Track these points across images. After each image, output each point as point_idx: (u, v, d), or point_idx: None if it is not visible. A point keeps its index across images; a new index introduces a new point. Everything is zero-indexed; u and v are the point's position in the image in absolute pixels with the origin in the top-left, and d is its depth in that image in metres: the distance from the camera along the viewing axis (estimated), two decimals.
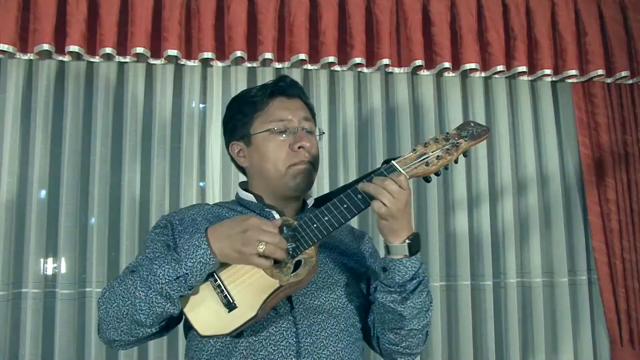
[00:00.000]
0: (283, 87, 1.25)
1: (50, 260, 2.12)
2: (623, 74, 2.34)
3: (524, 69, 2.31)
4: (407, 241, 1.07)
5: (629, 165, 2.38)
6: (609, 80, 2.39)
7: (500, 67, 2.29)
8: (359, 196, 1.06)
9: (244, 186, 1.32)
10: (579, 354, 2.38)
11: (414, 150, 1.08)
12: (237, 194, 1.32)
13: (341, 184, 2.17)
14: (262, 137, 1.22)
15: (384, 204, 1.03)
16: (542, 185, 2.42)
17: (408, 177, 1.06)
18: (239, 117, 1.27)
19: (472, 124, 1.11)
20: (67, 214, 2.07)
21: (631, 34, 2.39)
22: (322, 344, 1.12)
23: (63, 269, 2.06)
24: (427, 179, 1.10)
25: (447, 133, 1.09)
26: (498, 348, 2.29)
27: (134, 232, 2.11)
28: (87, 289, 2.09)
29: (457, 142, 1.08)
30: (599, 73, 2.32)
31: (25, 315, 2.02)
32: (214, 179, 2.18)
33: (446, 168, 1.09)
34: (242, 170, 1.34)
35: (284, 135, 1.21)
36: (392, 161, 1.08)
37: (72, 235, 2.08)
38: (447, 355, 2.28)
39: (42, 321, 2.04)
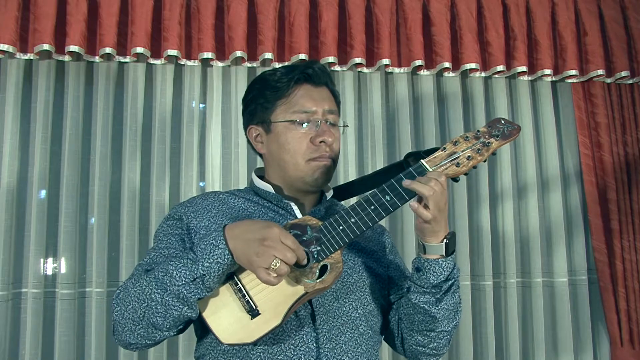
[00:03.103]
0: (310, 75, 1.19)
1: (50, 260, 2.12)
2: (623, 74, 2.34)
3: (524, 69, 2.31)
4: (445, 241, 1.04)
5: (629, 165, 2.37)
6: (609, 80, 2.39)
7: (500, 67, 2.29)
8: (387, 197, 1.01)
9: (260, 173, 1.27)
10: (579, 354, 2.38)
11: (444, 148, 1.03)
12: (251, 181, 1.27)
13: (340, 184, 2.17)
14: (283, 126, 1.17)
15: (429, 207, 0.99)
16: (542, 186, 2.42)
17: None
18: (261, 101, 1.20)
19: (502, 122, 1.06)
20: (67, 214, 2.07)
21: (631, 34, 2.39)
22: (341, 350, 1.09)
23: (63, 269, 2.06)
24: (456, 179, 1.07)
25: (478, 131, 1.04)
26: (498, 348, 2.29)
27: (134, 232, 2.11)
28: (87, 289, 2.09)
29: (488, 142, 1.03)
30: (599, 73, 2.32)
31: (25, 315, 2.02)
32: (214, 179, 2.18)
33: (474, 167, 1.05)
34: (260, 155, 1.28)
35: (305, 126, 1.16)
36: (422, 160, 1.03)
37: (72, 235, 2.08)
38: (447, 355, 2.28)
39: (42, 321, 2.03)
